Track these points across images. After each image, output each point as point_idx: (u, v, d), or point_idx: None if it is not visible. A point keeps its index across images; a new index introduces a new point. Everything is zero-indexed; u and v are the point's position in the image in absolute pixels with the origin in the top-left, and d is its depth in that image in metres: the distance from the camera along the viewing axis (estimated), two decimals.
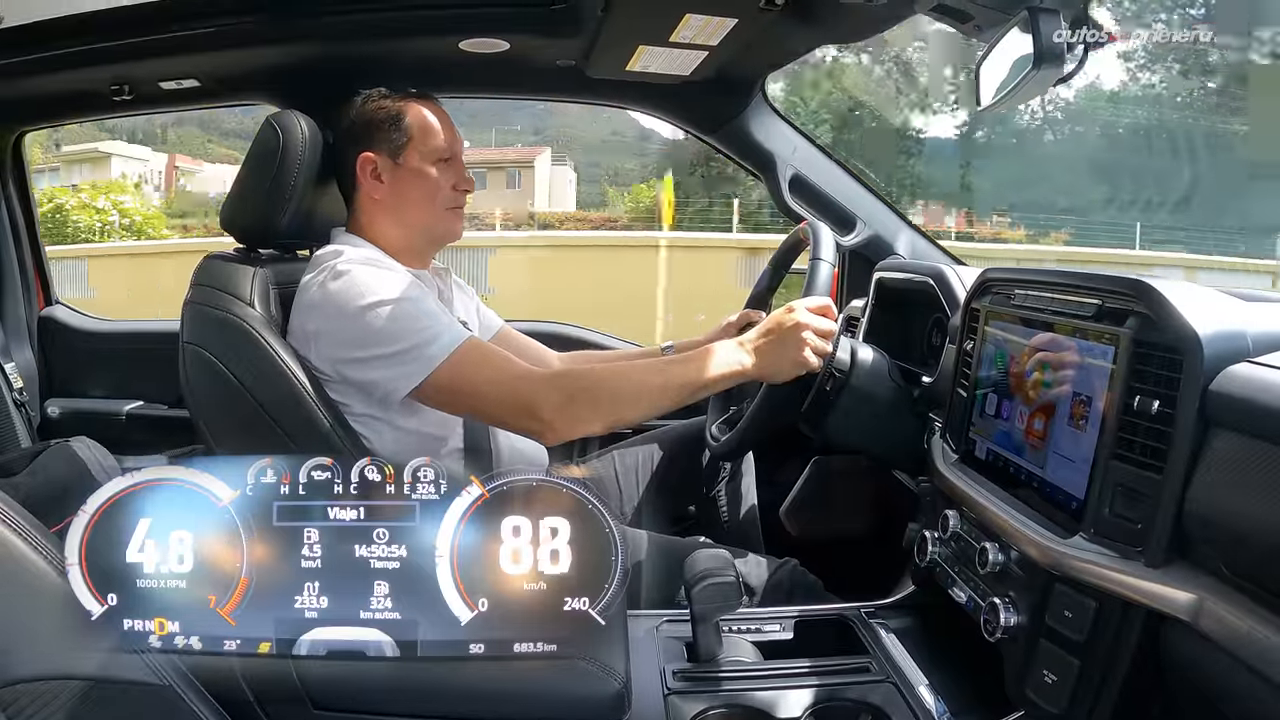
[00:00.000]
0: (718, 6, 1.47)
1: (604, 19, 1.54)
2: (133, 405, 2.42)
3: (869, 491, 1.85)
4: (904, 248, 2.05)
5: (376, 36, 1.80)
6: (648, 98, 2.07)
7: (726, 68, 1.83)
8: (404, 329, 1.29)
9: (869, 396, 1.44)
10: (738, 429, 1.46)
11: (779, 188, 2.03)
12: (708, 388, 1.34)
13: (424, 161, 1.46)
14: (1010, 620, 1.03)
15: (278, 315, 1.40)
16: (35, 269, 2.50)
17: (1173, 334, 0.87)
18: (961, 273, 1.53)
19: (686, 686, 1.12)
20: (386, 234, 1.48)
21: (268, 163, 1.42)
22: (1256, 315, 0.89)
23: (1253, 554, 0.75)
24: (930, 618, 1.32)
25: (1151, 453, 0.87)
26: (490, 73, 1.99)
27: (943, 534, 1.23)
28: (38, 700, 0.65)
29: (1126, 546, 0.88)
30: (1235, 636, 0.75)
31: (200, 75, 1.98)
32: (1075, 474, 0.98)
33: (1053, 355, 1.07)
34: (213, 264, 1.41)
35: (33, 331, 2.49)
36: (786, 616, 1.31)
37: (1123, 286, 0.96)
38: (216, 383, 1.30)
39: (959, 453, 1.27)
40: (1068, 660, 0.94)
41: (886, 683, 1.14)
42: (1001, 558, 1.07)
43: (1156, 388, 0.88)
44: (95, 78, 1.99)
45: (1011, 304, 1.19)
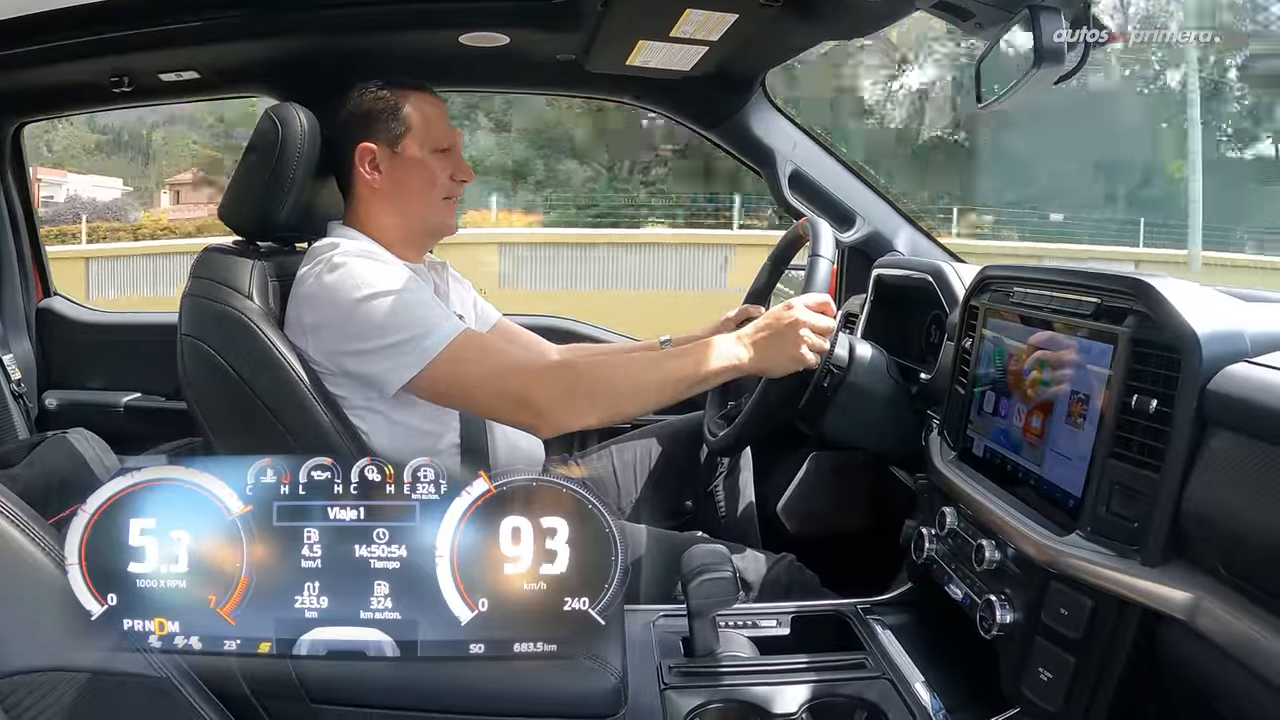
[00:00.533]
0: (718, 1, 1.46)
1: (604, 13, 1.53)
2: (131, 397, 2.41)
3: (866, 488, 1.85)
4: (903, 244, 2.05)
5: (376, 30, 1.79)
6: (648, 93, 2.06)
7: (727, 63, 1.82)
8: (400, 321, 1.29)
9: (867, 393, 1.44)
10: (735, 424, 1.46)
11: (779, 183, 2.03)
12: (705, 381, 1.34)
13: (422, 151, 1.46)
14: (1006, 618, 1.03)
15: (276, 308, 1.39)
16: (34, 260, 2.49)
17: (1171, 333, 0.87)
18: (960, 270, 1.54)
19: (683, 682, 1.12)
20: (384, 225, 1.48)
21: (267, 155, 1.41)
22: (1255, 315, 0.89)
23: (1250, 554, 0.75)
24: (927, 614, 1.32)
25: (1149, 451, 0.87)
26: (490, 67, 1.99)
27: (940, 531, 1.24)
28: (35, 692, 0.65)
29: (1123, 545, 0.88)
30: (1232, 636, 0.75)
31: (200, 67, 1.98)
32: (1072, 472, 0.98)
33: (1051, 353, 1.07)
34: (211, 256, 1.40)
35: (31, 323, 2.48)
36: (783, 612, 1.31)
37: (1121, 285, 0.96)
38: (215, 375, 1.30)
39: (957, 450, 1.27)
40: (1063, 658, 0.94)
41: (883, 679, 1.14)
42: (998, 555, 1.08)
43: (1154, 386, 0.88)
44: (95, 69, 1.98)
45: (1010, 301, 1.19)
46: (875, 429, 1.47)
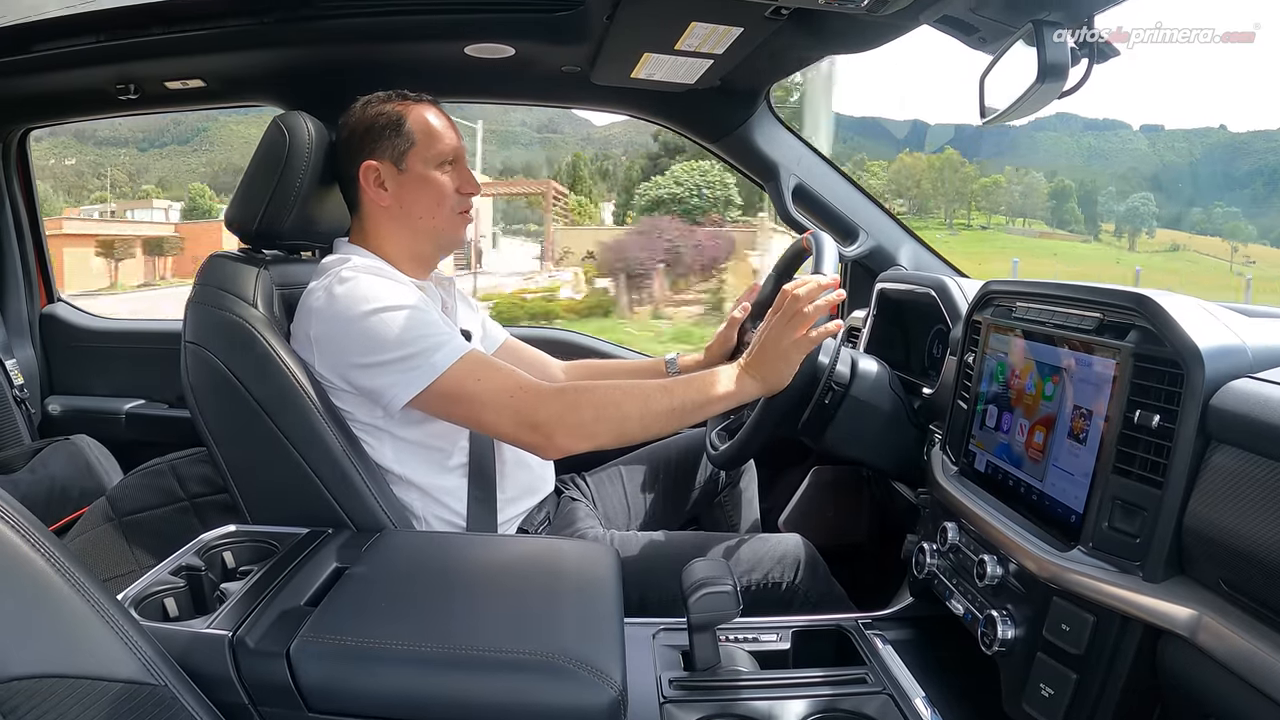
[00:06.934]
0: (723, 15, 1.47)
1: (610, 26, 1.54)
2: (133, 404, 2.42)
3: (868, 502, 1.85)
4: (906, 259, 2.05)
5: (382, 40, 1.80)
6: (652, 105, 2.07)
7: (731, 76, 1.83)
8: (408, 336, 1.29)
9: (869, 407, 1.44)
10: (737, 438, 1.46)
11: (782, 197, 2.03)
12: (712, 409, 1.33)
13: (428, 166, 1.45)
14: (1008, 633, 1.03)
15: (280, 317, 1.39)
16: (38, 266, 2.51)
17: (1174, 348, 0.87)
18: (964, 284, 1.54)
19: (683, 695, 1.11)
20: (392, 242, 1.47)
21: (274, 163, 1.42)
22: (1257, 330, 0.89)
23: (1252, 570, 0.75)
24: (928, 630, 1.32)
25: (1151, 467, 0.87)
26: (495, 78, 2.00)
27: (941, 546, 1.24)
28: (33, 698, 0.65)
29: (1125, 561, 0.88)
30: (1234, 652, 0.75)
31: (206, 76, 1.99)
32: (1075, 487, 0.98)
33: (1053, 369, 1.07)
34: (216, 263, 1.40)
35: (34, 328, 2.49)
36: (784, 626, 1.30)
37: (1124, 300, 0.96)
38: (218, 383, 1.30)
39: (959, 465, 1.27)
40: (1065, 674, 0.94)
41: (883, 694, 1.13)
42: (1000, 570, 1.07)
43: (1157, 402, 0.88)
44: (101, 76, 2.00)
45: (1013, 317, 1.19)
46: (877, 443, 1.47)
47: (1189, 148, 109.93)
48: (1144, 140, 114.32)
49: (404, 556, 1.18)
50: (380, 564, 1.13)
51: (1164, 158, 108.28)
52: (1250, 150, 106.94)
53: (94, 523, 1.61)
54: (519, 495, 1.52)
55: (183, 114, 2.88)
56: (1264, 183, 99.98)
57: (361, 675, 0.92)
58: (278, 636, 0.95)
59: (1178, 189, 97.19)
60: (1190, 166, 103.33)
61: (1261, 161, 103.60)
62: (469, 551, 1.23)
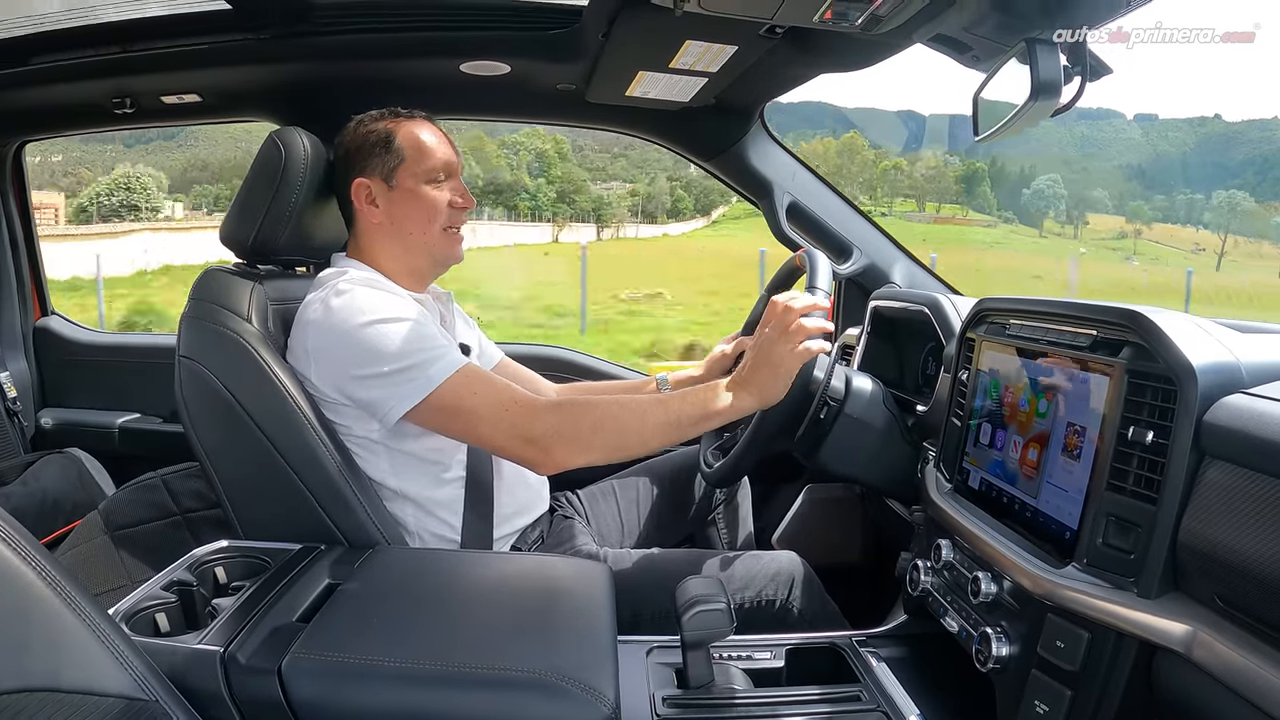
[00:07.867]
0: (717, 34, 1.48)
1: (605, 44, 1.55)
2: (126, 418, 2.41)
3: (862, 520, 1.85)
4: (900, 276, 2.06)
5: (378, 57, 1.81)
6: (647, 123, 2.08)
7: (726, 94, 1.84)
8: (404, 349, 1.28)
9: (863, 425, 1.44)
10: (731, 455, 1.46)
11: (776, 214, 2.04)
12: (708, 424, 1.33)
13: (418, 182, 1.45)
14: (1002, 650, 1.03)
15: (276, 332, 1.39)
16: (32, 279, 2.51)
17: (1167, 364, 0.87)
18: (957, 302, 1.54)
19: (676, 713, 1.11)
20: (388, 257, 1.48)
21: (269, 179, 1.41)
22: (1251, 346, 0.89)
23: (1247, 586, 0.75)
24: (922, 647, 1.32)
25: (1146, 483, 0.87)
26: (491, 95, 2.01)
27: (935, 563, 1.23)
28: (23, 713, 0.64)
29: (1120, 577, 0.88)
30: (1229, 668, 0.75)
31: (202, 90, 1.99)
32: (1069, 504, 0.98)
33: (1047, 385, 1.07)
34: (211, 278, 1.39)
35: (28, 341, 2.49)
36: (778, 644, 1.30)
37: (1118, 317, 0.96)
38: (211, 397, 1.29)
39: (952, 482, 1.27)
40: (1060, 691, 0.93)
41: (877, 712, 1.13)
42: (994, 588, 1.07)
43: (1151, 418, 0.88)
44: (97, 90, 2.00)
45: (1007, 334, 1.20)
46: (871, 461, 1.46)
47: (1183, 137, 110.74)
48: (1137, 130, 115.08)
49: (396, 573, 1.17)
50: (373, 581, 1.13)
51: (1158, 147, 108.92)
52: (1244, 139, 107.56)
53: (86, 536, 1.60)
54: (516, 512, 1.52)
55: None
56: (1255, 171, 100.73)
57: (354, 692, 0.91)
58: (269, 653, 0.95)
59: (1163, 179, 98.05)
60: (1182, 156, 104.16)
61: (1255, 151, 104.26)
62: (462, 568, 1.23)
